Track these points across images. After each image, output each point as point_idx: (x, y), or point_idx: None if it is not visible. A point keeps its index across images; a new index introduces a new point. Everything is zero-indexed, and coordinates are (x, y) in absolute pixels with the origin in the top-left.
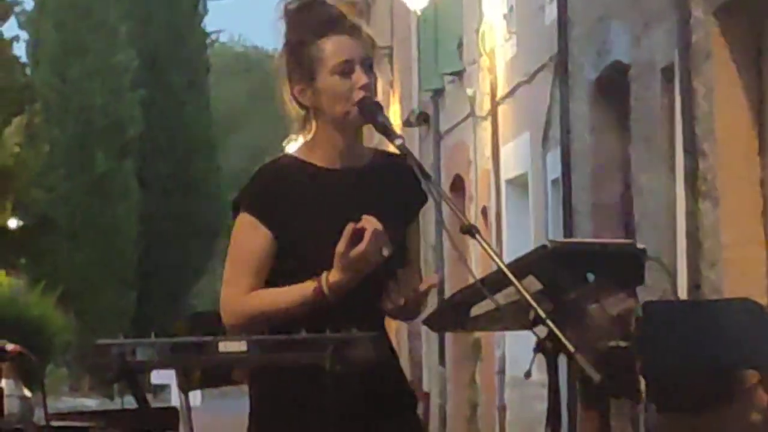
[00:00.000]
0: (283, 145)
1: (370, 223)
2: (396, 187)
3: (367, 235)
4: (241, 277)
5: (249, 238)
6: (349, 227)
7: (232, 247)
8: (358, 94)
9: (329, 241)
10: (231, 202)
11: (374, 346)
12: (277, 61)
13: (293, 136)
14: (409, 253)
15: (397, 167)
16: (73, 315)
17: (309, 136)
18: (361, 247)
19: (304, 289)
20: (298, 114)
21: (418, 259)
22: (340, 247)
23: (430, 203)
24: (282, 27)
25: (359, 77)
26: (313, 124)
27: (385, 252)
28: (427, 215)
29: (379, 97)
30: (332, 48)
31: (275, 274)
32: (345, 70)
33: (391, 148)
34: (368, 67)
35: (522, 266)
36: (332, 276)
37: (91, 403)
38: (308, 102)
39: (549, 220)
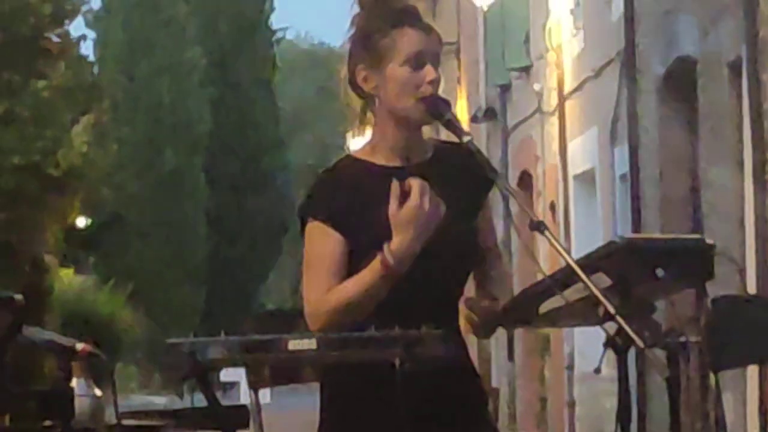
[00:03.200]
0: (347, 136)
1: (415, 181)
2: (461, 178)
3: (415, 190)
4: (321, 284)
5: (322, 244)
6: (395, 185)
7: (307, 256)
8: (427, 89)
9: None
10: (297, 208)
11: (444, 344)
12: (348, 45)
13: (355, 129)
14: (486, 246)
15: (459, 157)
16: (143, 312)
17: (369, 135)
18: (412, 201)
19: (373, 266)
20: (357, 101)
21: (495, 248)
22: (391, 206)
23: (498, 199)
24: (355, 14)
25: (429, 72)
26: (377, 116)
27: (443, 208)
28: (495, 211)
29: (443, 94)
30: (407, 39)
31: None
32: (417, 62)
33: (451, 138)
34: (438, 64)
35: (590, 262)
36: (392, 243)
37: (160, 400)
38: (371, 89)
39: (617, 215)
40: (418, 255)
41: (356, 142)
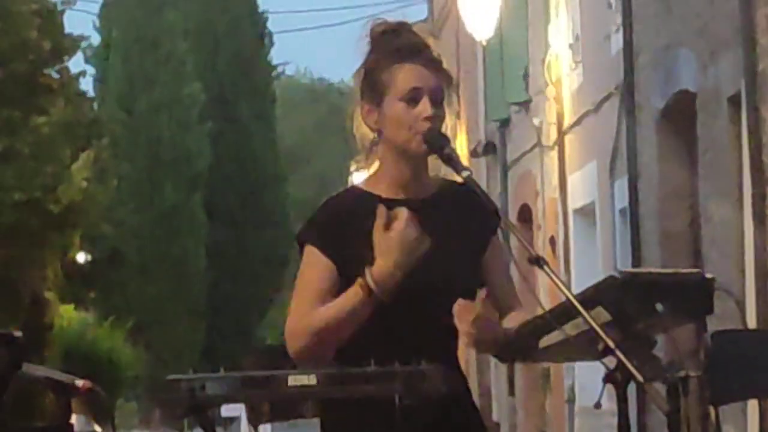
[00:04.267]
0: (351, 170)
1: (402, 209)
2: (463, 218)
3: (400, 218)
4: (304, 306)
5: (312, 269)
6: (381, 209)
7: (298, 280)
8: (422, 125)
9: None
10: (297, 233)
11: (444, 379)
12: (354, 80)
13: (360, 161)
14: (497, 281)
15: (464, 197)
16: (143, 348)
17: (375, 167)
18: (397, 227)
19: (354, 289)
20: (367, 136)
21: (504, 284)
22: (376, 230)
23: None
24: (364, 48)
25: (425, 108)
26: (380, 150)
27: (427, 243)
28: None
29: (446, 129)
30: (403, 75)
31: None
32: (412, 98)
33: (458, 178)
34: (438, 100)
35: (590, 297)
36: (374, 267)
37: None
38: (374, 125)
39: (617, 250)
40: (419, 291)
41: (359, 176)
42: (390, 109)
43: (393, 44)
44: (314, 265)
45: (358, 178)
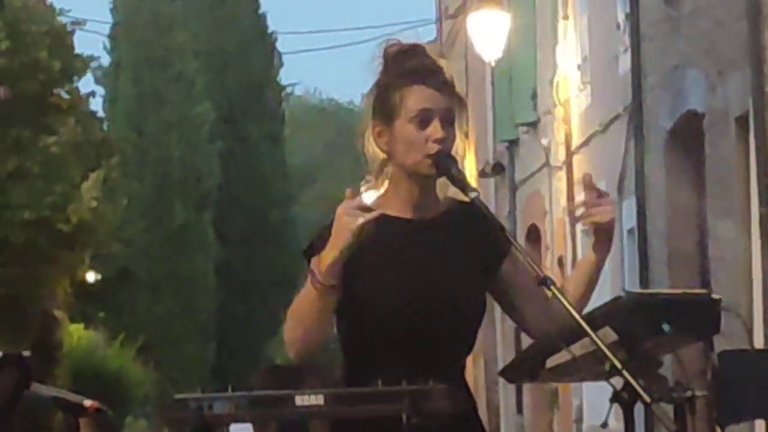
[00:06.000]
0: (361, 190)
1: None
2: (471, 238)
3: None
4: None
5: (307, 283)
6: (348, 191)
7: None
8: (432, 148)
9: (395, 290)
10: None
11: (451, 398)
12: (365, 100)
13: (370, 181)
14: (523, 286)
15: (472, 217)
16: (153, 367)
17: (385, 186)
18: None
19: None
20: (378, 156)
21: (532, 286)
22: (341, 207)
23: None
24: (377, 68)
25: (435, 130)
26: (390, 170)
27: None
28: None
29: (455, 152)
30: (414, 97)
31: (346, 324)
32: (422, 120)
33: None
34: (448, 122)
35: (597, 317)
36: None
37: None
38: (384, 146)
39: (625, 269)
40: (425, 310)
41: (368, 196)
42: (400, 130)
43: (405, 65)
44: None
45: (367, 198)
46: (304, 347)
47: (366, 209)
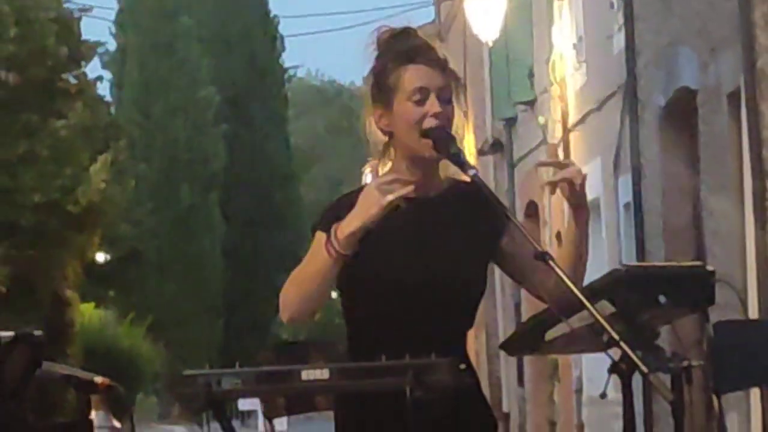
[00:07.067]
0: (366, 171)
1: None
2: (472, 215)
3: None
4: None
5: (314, 251)
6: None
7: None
8: (430, 122)
9: (399, 265)
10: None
11: (453, 371)
12: (363, 85)
13: (372, 163)
14: (526, 261)
15: (473, 195)
16: (162, 345)
17: (388, 166)
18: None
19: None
20: (381, 139)
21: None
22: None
23: None
24: (372, 54)
25: (432, 105)
26: (392, 152)
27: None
28: None
29: (455, 131)
30: (409, 75)
31: (350, 300)
32: (419, 97)
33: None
34: (445, 99)
35: (595, 290)
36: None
37: (180, 430)
38: (385, 128)
39: (622, 243)
40: (427, 286)
41: (371, 178)
42: (399, 110)
43: (398, 48)
44: (317, 248)
45: (370, 178)
46: (298, 311)
47: (399, 184)
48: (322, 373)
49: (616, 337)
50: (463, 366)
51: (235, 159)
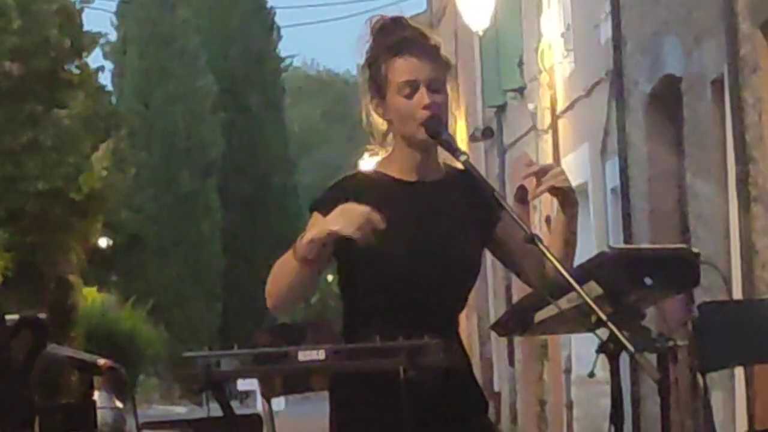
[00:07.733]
0: (366, 155)
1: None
2: (469, 201)
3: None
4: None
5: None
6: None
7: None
8: (423, 114)
9: (395, 248)
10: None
11: (446, 352)
12: (360, 75)
13: (371, 149)
14: (518, 246)
15: (469, 181)
16: (163, 327)
17: (388, 150)
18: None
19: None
20: (379, 126)
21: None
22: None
23: None
24: (366, 44)
25: (422, 98)
26: (392, 137)
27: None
28: None
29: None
30: (397, 69)
31: (346, 281)
32: (408, 90)
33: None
34: (436, 88)
35: (583, 272)
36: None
37: (181, 410)
38: (383, 117)
39: (609, 226)
40: (423, 268)
41: (369, 162)
42: (392, 103)
43: (387, 40)
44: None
45: (368, 164)
46: (280, 300)
47: (374, 223)
48: (318, 354)
49: (604, 317)
50: (455, 347)
51: (233, 146)
